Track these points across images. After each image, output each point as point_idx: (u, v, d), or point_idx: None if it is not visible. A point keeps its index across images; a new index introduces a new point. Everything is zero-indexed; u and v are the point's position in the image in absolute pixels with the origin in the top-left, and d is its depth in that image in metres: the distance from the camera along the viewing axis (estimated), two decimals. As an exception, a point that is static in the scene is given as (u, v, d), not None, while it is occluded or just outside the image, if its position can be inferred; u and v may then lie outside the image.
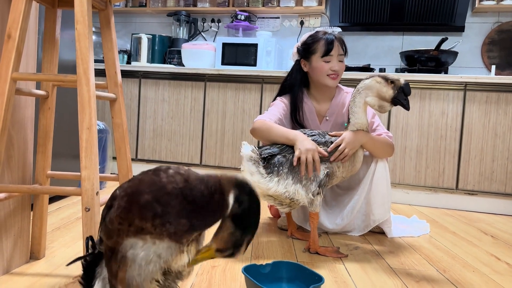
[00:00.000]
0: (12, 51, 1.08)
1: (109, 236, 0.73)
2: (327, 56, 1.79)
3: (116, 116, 1.31)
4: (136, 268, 0.70)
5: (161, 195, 0.70)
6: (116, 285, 0.73)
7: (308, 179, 1.56)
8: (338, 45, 1.81)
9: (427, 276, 1.42)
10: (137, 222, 0.69)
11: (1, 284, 1.17)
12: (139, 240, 0.70)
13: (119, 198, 0.73)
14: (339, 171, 1.64)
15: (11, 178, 1.24)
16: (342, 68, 1.83)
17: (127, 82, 3.10)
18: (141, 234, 0.70)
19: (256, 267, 1.20)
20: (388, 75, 1.61)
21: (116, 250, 0.72)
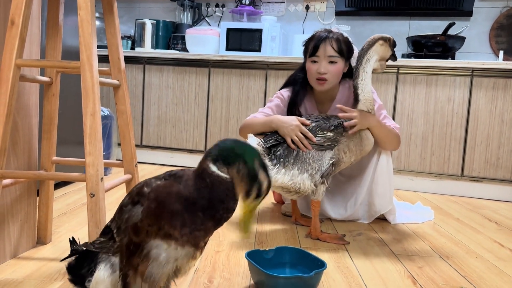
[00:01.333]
0: (16, 38, 1.08)
1: (136, 233, 0.77)
2: (313, 56, 1.73)
3: (120, 103, 1.31)
4: (156, 266, 0.76)
5: (188, 205, 0.75)
6: (134, 276, 0.78)
7: (314, 168, 1.56)
8: (330, 45, 1.71)
9: (430, 262, 1.43)
10: (166, 228, 0.75)
11: (9, 267, 1.19)
12: (164, 243, 0.76)
13: (149, 200, 0.77)
14: (346, 157, 1.62)
15: (17, 164, 1.25)
16: (333, 70, 1.72)
17: (132, 68, 3.10)
18: (167, 238, 0.76)
19: (259, 253, 1.22)
20: (383, 35, 1.64)
21: (141, 247, 0.77)
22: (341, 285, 1.20)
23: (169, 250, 0.76)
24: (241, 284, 1.17)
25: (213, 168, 0.76)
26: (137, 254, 0.77)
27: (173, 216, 0.74)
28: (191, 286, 1.14)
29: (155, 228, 0.75)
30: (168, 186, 0.77)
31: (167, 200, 0.75)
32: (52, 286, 1.09)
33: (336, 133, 1.60)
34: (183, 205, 0.75)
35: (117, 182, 1.22)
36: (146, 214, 0.76)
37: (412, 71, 2.63)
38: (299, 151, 1.58)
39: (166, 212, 0.75)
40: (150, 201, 0.76)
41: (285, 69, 2.81)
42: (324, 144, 1.59)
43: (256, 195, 0.77)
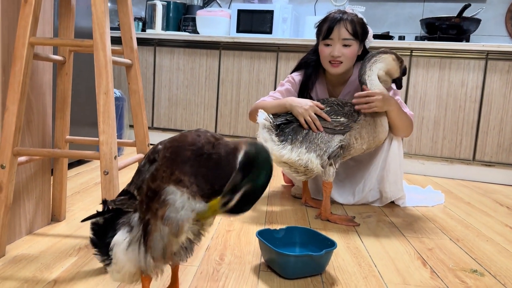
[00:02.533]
0: (29, 16, 1.09)
1: (153, 180, 0.79)
2: (327, 39, 1.71)
3: (132, 82, 1.32)
4: (174, 210, 0.78)
5: (198, 155, 0.76)
6: (154, 221, 0.80)
7: (321, 149, 1.56)
8: (344, 27, 1.67)
9: (440, 244, 1.43)
10: (177, 173, 0.76)
11: (25, 243, 1.22)
12: (178, 190, 0.77)
13: (165, 150, 0.80)
14: (357, 143, 1.61)
15: (31, 142, 1.27)
16: (347, 54, 1.70)
17: (142, 50, 3.09)
18: (179, 185, 0.77)
19: (270, 232, 1.23)
20: (400, 56, 1.65)
21: (159, 193, 0.78)
22: (350, 265, 1.21)
23: (184, 198, 0.77)
24: (251, 262, 1.19)
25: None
26: (155, 200, 0.79)
27: (183, 162, 0.76)
28: (203, 263, 1.16)
29: (168, 173, 0.77)
30: (183, 135, 0.80)
31: (181, 146, 0.78)
32: (67, 261, 1.12)
33: (349, 119, 1.60)
34: (192, 153, 0.76)
35: (130, 161, 1.23)
36: (161, 162, 0.78)
37: (425, 53, 2.59)
38: (308, 131, 1.58)
39: (178, 157, 0.77)
40: (165, 150, 0.79)
41: (296, 51, 2.79)
42: (336, 129, 1.59)
43: (223, 204, 0.74)
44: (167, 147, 0.79)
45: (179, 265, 0.96)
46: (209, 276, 1.09)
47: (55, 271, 1.06)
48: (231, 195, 0.72)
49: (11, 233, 1.21)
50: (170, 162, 0.77)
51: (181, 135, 0.81)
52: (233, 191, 0.72)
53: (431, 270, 1.22)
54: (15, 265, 1.08)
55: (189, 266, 1.13)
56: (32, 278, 1.01)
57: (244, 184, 0.72)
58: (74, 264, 1.10)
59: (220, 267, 1.15)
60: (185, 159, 0.76)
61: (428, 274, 1.19)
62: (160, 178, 0.78)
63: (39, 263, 1.10)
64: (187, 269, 1.12)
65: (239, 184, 0.72)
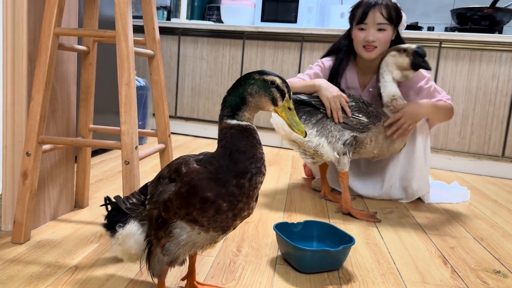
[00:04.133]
0: (54, 7, 1.10)
1: (166, 210, 0.79)
2: (361, 24, 1.69)
3: (154, 73, 1.32)
4: (175, 244, 0.80)
5: (221, 194, 0.74)
6: (156, 246, 0.81)
7: (334, 136, 1.55)
8: (379, 12, 1.66)
9: (462, 243, 1.39)
10: (195, 214, 0.75)
11: (49, 228, 1.26)
12: (188, 227, 0.78)
13: (182, 183, 0.76)
14: (369, 145, 1.61)
15: (56, 131, 1.30)
16: (382, 38, 1.69)
17: (167, 39, 3.11)
18: (193, 223, 0.77)
19: (287, 225, 1.22)
20: (398, 46, 1.62)
21: (167, 224, 0.79)
22: (369, 261, 1.20)
23: (192, 233, 0.78)
24: (268, 254, 1.19)
25: (233, 122, 0.78)
26: (163, 228, 0.80)
27: (204, 204, 0.74)
28: (220, 254, 1.17)
29: (183, 212, 0.76)
30: (202, 172, 0.76)
31: (199, 187, 0.75)
32: (88, 248, 1.15)
33: (370, 120, 1.59)
34: (215, 193, 0.74)
35: (151, 151, 1.24)
36: (176, 197, 0.77)
37: (455, 45, 2.51)
38: (324, 115, 1.58)
39: (196, 199, 0.75)
40: (182, 184, 0.76)
41: (321, 41, 2.75)
42: (355, 126, 1.58)
43: (280, 95, 0.78)
44: (185, 182, 0.76)
45: (196, 256, 0.97)
46: (225, 267, 1.10)
47: (77, 257, 1.09)
48: (277, 90, 0.78)
49: (36, 219, 1.25)
50: (186, 201, 0.75)
51: (200, 170, 0.77)
52: (273, 91, 0.78)
53: (452, 269, 1.19)
54: (39, 249, 1.11)
55: (206, 257, 1.15)
56: (55, 263, 1.04)
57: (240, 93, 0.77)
58: (95, 251, 1.13)
59: (237, 258, 1.15)
60: (205, 200, 0.74)
61: (448, 273, 1.16)
62: (173, 212, 0.78)
63: (62, 249, 1.13)
64: (204, 259, 1.13)
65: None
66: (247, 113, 0.79)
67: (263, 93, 0.77)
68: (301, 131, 0.79)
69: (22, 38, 1.14)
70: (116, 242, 0.90)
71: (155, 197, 0.81)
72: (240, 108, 0.78)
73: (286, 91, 0.78)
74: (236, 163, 0.74)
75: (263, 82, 0.77)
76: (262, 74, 0.78)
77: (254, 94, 0.77)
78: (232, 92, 0.79)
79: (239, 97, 0.78)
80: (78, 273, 1.00)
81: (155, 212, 0.81)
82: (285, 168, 2.31)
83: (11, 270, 0.99)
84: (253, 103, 0.78)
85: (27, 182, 1.13)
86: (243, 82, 0.78)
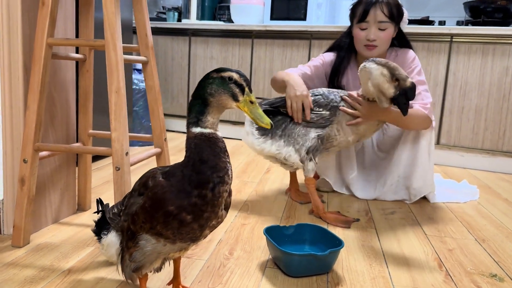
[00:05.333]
0: (46, 18, 1.14)
1: (133, 223, 0.81)
2: (362, 23, 1.65)
3: (148, 79, 1.35)
4: (141, 253, 0.83)
5: (183, 206, 0.75)
6: (126, 253, 0.85)
7: (298, 143, 1.52)
8: (380, 10, 1.62)
9: (462, 245, 1.37)
10: (158, 228, 0.77)
11: (49, 231, 1.30)
12: (153, 239, 0.80)
13: (146, 197, 0.78)
14: (339, 135, 1.52)
15: (55, 137, 1.34)
16: (383, 37, 1.65)
17: (178, 40, 3.15)
18: (158, 236, 0.79)
19: (279, 228, 1.23)
20: (397, 70, 1.38)
21: (135, 235, 0.82)
22: (361, 264, 1.19)
23: (157, 245, 0.80)
24: (259, 257, 1.20)
25: (196, 130, 0.77)
26: (132, 239, 0.82)
27: (167, 218, 0.75)
28: (212, 257, 1.19)
29: (147, 225, 0.78)
30: (165, 186, 0.76)
31: (161, 201, 0.75)
32: (84, 251, 1.18)
33: (331, 112, 1.52)
34: (177, 205, 0.74)
35: (143, 156, 1.27)
36: (141, 211, 0.79)
37: (467, 39, 2.45)
38: (287, 125, 1.55)
39: (159, 213, 0.76)
40: (147, 198, 0.78)
41: (330, 38, 2.71)
42: (317, 122, 1.53)
43: (240, 90, 0.77)
44: (149, 196, 0.77)
45: (180, 260, 0.99)
46: (215, 270, 1.11)
47: (71, 260, 1.12)
48: (236, 86, 0.77)
49: (36, 222, 1.29)
50: (149, 216, 0.77)
51: (163, 184, 0.77)
52: (231, 87, 0.77)
53: (446, 272, 1.17)
54: (37, 253, 1.16)
55: (197, 260, 1.16)
56: (49, 267, 1.08)
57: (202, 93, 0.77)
58: (90, 254, 1.16)
59: (228, 262, 1.17)
60: (168, 214, 0.75)
61: (442, 277, 1.15)
62: (139, 226, 0.80)
63: (58, 252, 1.17)
64: (195, 263, 1.15)
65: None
66: (211, 117, 0.78)
67: (222, 90, 0.76)
68: (265, 123, 0.77)
69: (17, 48, 1.18)
70: (102, 248, 0.94)
71: (127, 209, 0.84)
72: (203, 112, 0.77)
73: (245, 85, 0.77)
74: (198, 174, 0.74)
75: (221, 79, 0.76)
76: (219, 71, 0.77)
77: (214, 94, 0.76)
78: (194, 95, 0.79)
79: (201, 98, 0.77)
80: (70, 277, 1.04)
81: (125, 224, 0.83)
82: (292, 168, 2.31)
83: (7, 273, 1.04)
84: (215, 102, 0.77)
85: (24, 188, 1.17)
86: (203, 83, 0.78)
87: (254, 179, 2.05)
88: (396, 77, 1.37)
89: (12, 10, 1.16)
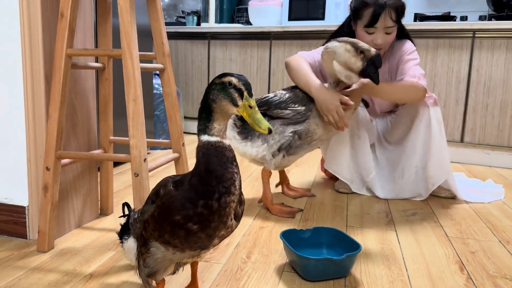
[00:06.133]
0: (65, 29, 1.17)
1: (145, 230, 0.83)
2: (370, 28, 1.63)
3: (165, 86, 1.37)
4: (153, 260, 0.85)
5: (189, 216, 0.75)
6: (140, 257, 0.87)
7: (274, 139, 1.53)
8: (389, 16, 1.60)
9: (486, 247, 1.34)
10: (166, 236, 0.78)
11: (73, 236, 1.34)
12: (162, 247, 0.82)
13: (157, 206, 0.80)
14: (319, 129, 1.54)
15: (77, 144, 1.38)
16: (388, 40, 1.66)
17: (198, 44, 3.18)
18: (166, 244, 0.80)
19: (296, 232, 1.23)
20: (359, 43, 1.41)
21: (147, 242, 0.84)
22: (379, 268, 1.18)
23: (167, 253, 0.82)
24: (277, 261, 1.21)
25: (204, 138, 0.77)
26: (144, 245, 0.85)
27: (173, 227, 0.76)
28: (230, 260, 1.20)
29: (156, 234, 0.79)
30: (173, 195, 0.77)
31: (169, 210, 0.76)
32: (105, 255, 1.21)
33: (307, 107, 1.52)
34: (184, 215, 0.75)
35: (162, 161, 1.29)
36: (151, 219, 0.80)
37: (490, 34, 2.38)
38: (268, 120, 1.55)
39: (167, 223, 0.77)
40: (157, 207, 0.79)
41: (348, 38, 2.69)
42: (293, 118, 1.52)
43: (239, 95, 0.75)
44: (158, 205, 0.79)
45: (198, 265, 1.01)
46: (232, 275, 1.12)
47: (93, 265, 1.16)
48: (235, 91, 0.76)
49: (60, 228, 1.33)
50: (158, 225, 0.78)
51: (171, 193, 0.78)
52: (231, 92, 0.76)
53: (467, 276, 1.15)
54: (60, 258, 1.19)
55: (215, 264, 1.18)
56: (72, 271, 1.11)
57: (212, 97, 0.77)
58: (111, 258, 1.19)
59: (245, 265, 1.18)
60: (175, 223, 0.76)
61: (463, 280, 1.12)
62: (149, 233, 0.81)
63: (81, 257, 1.20)
64: (213, 267, 1.16)
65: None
66: (217, 124, 0.77)
67: (222, 96, 0.75)
68: (263, 129, 0.76)
69: (38, 60, 1.22)
70: (123, 251, 0.97)
71: (141, 216, 0.86)
72: (209, 120, 0.77)
73: (244, 89, 0.75)
74: (203, 184, 0.75)
75: (222, 85, 0.75)
76: (221, 77, 0.77)
77: (216, 100, 0.76)
78: (201, 103, 0.78)
79: (206, 106, 0.77)
80: (92, 281, 1.07)
81: (139, 230, 0.85)
82: (312, 169, 2.30)
83: (32, 278, 1.08)
84: (218, 109, 0.76)
85: (48, 195, 1.21)
86: (208, 89, 0.78)
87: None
88: (360, 49, 1.40)
89: (33, 23, 1.20)
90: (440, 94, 2.53)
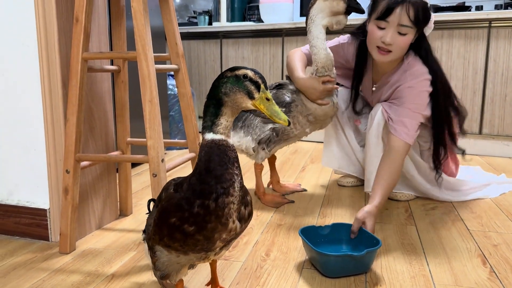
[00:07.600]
0: (81, 34, 1.19)
1: (149, 234, 0.85)
2: (381, 21, 1.43)
3: (180, 86, 1.38)
4: (161, 263, 0.85)
5: (185, 218, 0.74)
6: (151, 261, 0.88)
7: (256, 133, 1.60)
8: (405, 11, 1.40)
9: (508, 240, 1.31)
10: (166, 240, 0.78)
11: (93, 238, 1.36)
12: (165, 250, 0.82)
13: (157, 210, 0.80)
14: (296, 129, 1.60)
15: (95, 146, 1.40)
16: (400, 43, 1.45)
17: (210, 44, 3.19)
18: (167, 248, 0.80)
19: (315, 229, 1.23)
20: None
21: (153, 247, 0.85)
22: (400, 263, 1.17)
23: (171, 256, 0.82)
24: (296, 258, 1.20)
25: (208, 137, 0.76)
26: (151, 249, 0.86)
27: (170, 230, 0.76)
28: (249, 258, 1.20)
29: (157, 238, 0.80)
30: (171, 198, 0.77)
31: (166, 213, 0.76)
32: (126, 256, 1.23)
33: (287, 110, 1.58)
34: (179, 216, 0.74)
35: (179, 161, 1.30)
36: (153, 223, 0.81)
37: (507, 23, 2.34)
38: (247, 116, 1.64)
39: (164, 226, 0.77)
40: (157, 211, 0.80)
41: (361, 32, 2.67)
42: None
43: (255, 87, 0.75)
44: (159, 209, 0.79)
45: (217, 263, 1.01)
46: (252, 272, 1.13)
47: (115, 265, 1.17)
48: (251, 83, 0.75)
49: (81, 229, 1.35)
50: (158, 229, 0.79)
51: (170, 196, 0.78)
52: (246, 84, 0.75)
53: (490, 269, 1.13)
54: (82, 259, 1.21)
55: (235, 262, 1.18)
56: (94, 272, 1.13)
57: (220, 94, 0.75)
58: (132, 258, 1.21)
59: (265, 263, 1.18)
60: (172, 226, 0.75)
61: (486, 274, 1.11)
62: (152, 238, 0.82)
63: (103, 257, 1.22)
64: (232, 265, 1.17)
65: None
66: (224, 119, 0.75)
67: (237, 89, 0.74)
68: (283, 120, 0.75)
69: (55, 65, 1.23)
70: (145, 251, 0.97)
71: (149, 219, 0.87)
72: (217, 114, 0.75)
73: (261, 82, 0.75)
74: (201, 184, 0.73)
75: (235, 78, 0.74)
76: (233, 70, 0.75)
77: (229, 93, 0.74)
78: (209, 96, 0.77)
79: (216, 99, 0.75)
80: (114, 281, 1.08)
81: (146, 236, 0.88)
82: (328, 165, 2.29)
83: (55, 279, 1.10)
84: (230, 102, 0.74)
85: (68, 197, 1.23)
86: (217, 83, 0.75)
87: (290, 178, 2.05)
88: None
89: (49, 28, 1.22)
90: (457, 85, 2.49)
